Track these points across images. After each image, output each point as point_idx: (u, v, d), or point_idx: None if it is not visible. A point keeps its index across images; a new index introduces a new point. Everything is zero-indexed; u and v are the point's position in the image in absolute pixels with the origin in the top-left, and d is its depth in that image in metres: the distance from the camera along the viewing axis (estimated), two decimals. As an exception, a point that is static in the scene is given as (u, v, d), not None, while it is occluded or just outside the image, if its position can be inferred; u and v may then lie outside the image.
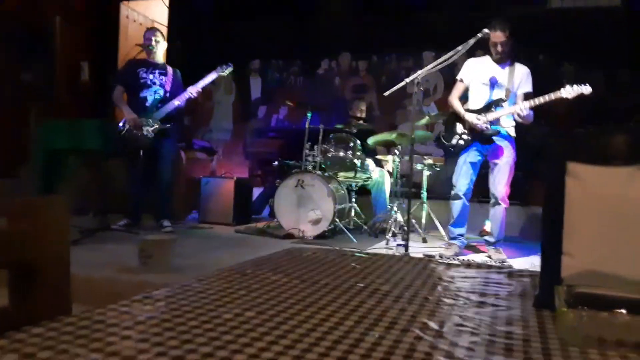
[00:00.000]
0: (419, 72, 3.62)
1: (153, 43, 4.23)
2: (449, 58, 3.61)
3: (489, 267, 2.90)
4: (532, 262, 3.35)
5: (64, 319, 1.62)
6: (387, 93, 3.84)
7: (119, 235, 3.89)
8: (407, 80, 3.70)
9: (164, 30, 7.00)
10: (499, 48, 3.60)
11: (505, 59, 3.67)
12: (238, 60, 6.36)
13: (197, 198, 4.97)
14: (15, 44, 4.35)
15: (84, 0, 6.35)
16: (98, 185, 4.94)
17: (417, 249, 3.79)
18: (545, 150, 1.99)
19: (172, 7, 6.86)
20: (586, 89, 3.28)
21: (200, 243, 3.73)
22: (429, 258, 3.27)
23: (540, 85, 3.58)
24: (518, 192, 4.88)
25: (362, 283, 2.29)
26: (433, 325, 1.75)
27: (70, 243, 3.24)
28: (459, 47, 3.56)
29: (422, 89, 3.88)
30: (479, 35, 3.56)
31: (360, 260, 2.89)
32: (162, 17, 7.12)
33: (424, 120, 4.37)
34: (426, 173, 4.66)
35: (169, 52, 6.72)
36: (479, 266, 2.85)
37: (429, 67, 3.65)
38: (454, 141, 3.74)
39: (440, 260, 3.09)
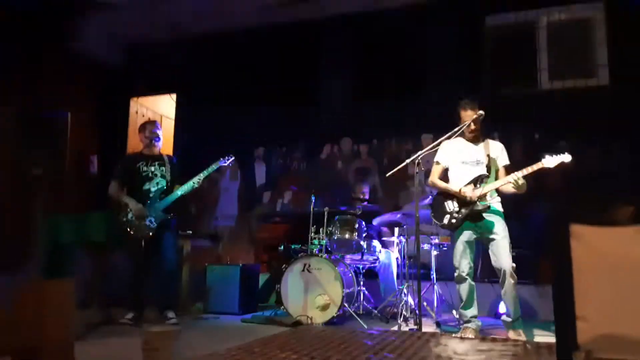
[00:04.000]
0: (419, 153, 3.72)
1: (160, 136, 4.40)
2: (446, 139, 3.72)
3: (505, 340, 2.77)
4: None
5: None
6: (389, 174, 3.91)
7: (122, 328, 3.80)
8: (408, 161, 3.79)
9: (172, 123, 7.32)
10: (472, 126, 3.73)
11: (478, 137, 3.79)
12: (243, 148, 6.63)
13: (203, 286, 4.88)
14: (26, 139, 4.52)
15: (95, 96, 6.71)
16: (102, 278, 4.89)
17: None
18: (548, 216, 1.98)
19: (179, 102, 7.22)
20: (566, 157, 3.37)
21: (206, 334, 3.63)
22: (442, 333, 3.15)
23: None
24: (528, 271, 4.78)
25: (374, 358, 2.18)
26: (450, 401, 1.64)
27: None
28: (456, 129, 3.69)
29: (422, 169, 3.96)
30: (474, 116, 3.70)
31: (372, 337, 2.78)
32: (170, 111, 7.47)
33: (428, 200, 4.40)
34: (434, 253, 4.60)
35: (176, 143, 6.99)
36: (494, 340, 2.73)
37: (427, 148, 3.75)
38: (445, 220, 3.75)
39: (454, 335, 2.96)
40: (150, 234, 4.11)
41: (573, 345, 1.77)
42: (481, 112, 3.69)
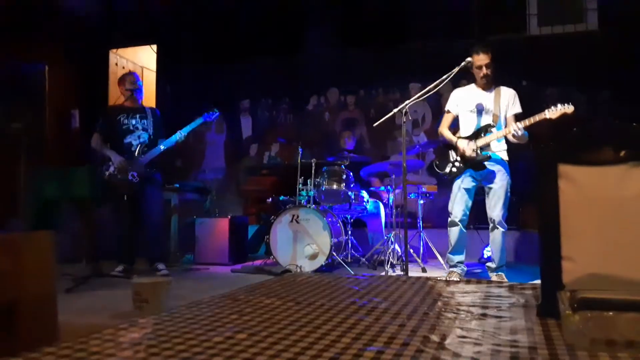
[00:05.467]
0: (406, 102, 3.66)
1: (141, 88, 4.27)
2: (434, 87, 3.65)
3: (489, 282, 2.84)
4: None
5: (44, 348, 1.53)
6: (376, 124, 3.87)
7: (112, 281, 3.80)
8: (395, 110, 3.74)
9: (153, 75, 7.12)
10: (484, 70, 3.64)
11: (490, 83, 3.72)
12: (228, 101, 6.51)
13: (192, 239, 4.90)
14: (4, 93, 4.38)
15: (73, 48, 6.49)
16: (89, 233, 4.87)
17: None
18: (536, 156, 1.97)
19: (160, 53, 7.00)
20: (569, 108, 3.31)
21: (196, 284, 3.65)
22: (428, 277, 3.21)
23: (526, 110, 3.62)
24: (513, 217, 4.85)
25: (359, 302, 2.22)
26: (434, 338, 1.67)
27: (64, 291, 3.20)
28: (444, 77, 3.62)
29: (410, 118, 3.92)
30: (462, 63, 3.62)
31: (358, 282, 2.83)
32: (151, 63, 7.25)
33: (415, 150, 4.39)
34: (420, 202, 4.64)
35: (158, 96, 6.83)
36: (478, 282, 2.79)
37: (415, 97, 3.69)
38: (447, 169, 3.75)
39: (439, 278, 3.02)
40: (133, 188, 4.07)
41: (558, 284, 1.81)
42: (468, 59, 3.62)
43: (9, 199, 5.13)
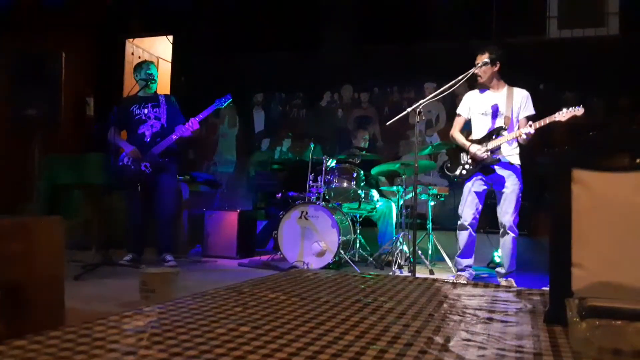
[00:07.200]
0: (421, 101, 3.63)
1: (155, 78, 4.28)
2: (448, 88, 3.62)
3: (497, 286, 2.81)
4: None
5: (48, 332, 1.55)
6: (389, 123, 3.85)
7: (121, 270, 3.83)
8: (409, 109, 3.70)
9: (168, 66, 7.15)
10: (480, 74, 3.64)
11: (498, 85, 3.68)
12: (241, 94, 6.50)
13: (201, 231, 4.92)
14: (20, 80, 4.42)
15: (90, 37, 6.53)
16: (100, 220, 4.91)
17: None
18: (550, 160, 1.93)
19: (176, 44, 7.02)
20: (579, 111, 3.30)
21: (203, 276, 3.68)
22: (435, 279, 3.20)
23: (542, 114, 3.57)
24: (525, 223, 4.80)
25: (364, 300, 2.21)
26: (438, 340, 1.66)
27: (73, 278, 3.23)
28: (459, 77, 3.58)
29: (424, 118, 3.89)
30: (479, 64, 3.59)
31: (364, 281, 2.82)
32: (166, 54, 7.28)
33: (427, 150, 4.35)
34: (431, 203, 4.60)
35: (173, 87, 6.86)
36: (486, 286, 2.76)
37: (430, 96, 3.66)
38: (457, 172, 3.73)
39: (447, 281, 3.00)
40: (146, 178, 4.09)
41: (567, 291, 1.78)
42: (486, 60, 3.59)
43: (22, 184, 5.19)
